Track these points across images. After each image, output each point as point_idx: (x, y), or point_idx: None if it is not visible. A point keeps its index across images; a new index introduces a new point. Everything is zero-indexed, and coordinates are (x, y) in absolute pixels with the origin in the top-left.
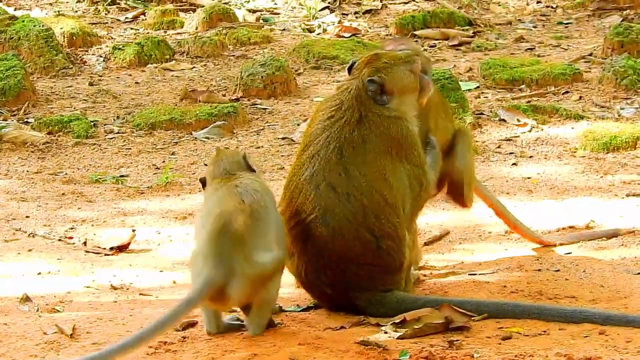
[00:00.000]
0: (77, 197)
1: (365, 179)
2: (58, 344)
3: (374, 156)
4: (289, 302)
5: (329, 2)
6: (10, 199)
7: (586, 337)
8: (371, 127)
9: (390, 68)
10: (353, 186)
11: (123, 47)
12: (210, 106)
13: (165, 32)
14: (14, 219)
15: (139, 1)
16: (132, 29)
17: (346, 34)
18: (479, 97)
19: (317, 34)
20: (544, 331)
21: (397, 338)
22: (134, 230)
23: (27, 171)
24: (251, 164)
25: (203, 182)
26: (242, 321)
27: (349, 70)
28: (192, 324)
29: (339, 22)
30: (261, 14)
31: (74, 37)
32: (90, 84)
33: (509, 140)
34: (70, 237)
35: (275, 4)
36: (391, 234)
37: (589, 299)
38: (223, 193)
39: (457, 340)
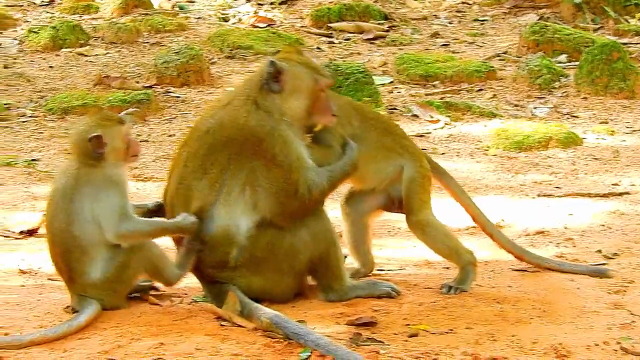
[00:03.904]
0: None
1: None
2: None
3: (220, 146)
4: (197, 292)
5: None
6: None
7: (493, 336)
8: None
9: (298, 64)
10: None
11: (38, 30)
12: (124, 92)
13: (81, 16)
14: None
15: None
16: (47, 12)
17: (261, 25)
18: (392, 92)
19: (233, 24)
20: (451, 329)
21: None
22: (43, 215)
23: None
24: (100, 151)
25: None
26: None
27: None
28: None
29: (255, 12)
30: (177, 2)
31: None
32: (5, 67)
33: (421, 136)
34: None
35: None
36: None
37: (493, 297)
38: (53, 193)
39: (362, 336)
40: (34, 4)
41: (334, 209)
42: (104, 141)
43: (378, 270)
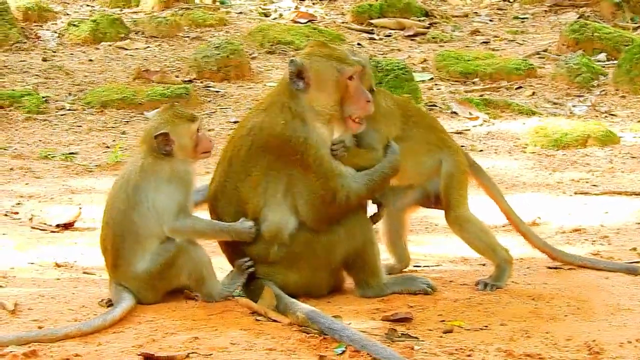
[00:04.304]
0: (26, 172)
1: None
2: None
3: (256, 151)
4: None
5: None
6: None
7: (527, 333)
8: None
9: (319, 58)
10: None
11: (78, 23)
12: (163, 87)
13: (121, 10)
14: None
15: None
16: (88, 5)
17: (302, 20)
18: (432, 89)
19: (273, 19)
20: (486, 326)
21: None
22: (80, 208)
23: None
24: (168, 149)
25: None
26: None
27: None
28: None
29: (296, 7)
30: None
31: (30, 12)
32: (44, 60)
33: (460, 133)
34: (16, 213)
35: None
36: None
37: (527, 294)
38: (118, 180)
39: (397, 332)
40: None
41: (371, 205)
42: (171, 138)
43: (414, 266)
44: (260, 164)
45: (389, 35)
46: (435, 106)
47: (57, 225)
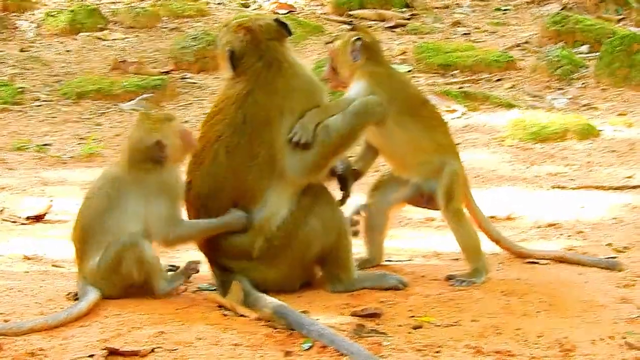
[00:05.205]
0: None
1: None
2: None
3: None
4: (203, 280)
5: None
6: None
7: (498, 329)
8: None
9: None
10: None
11: (56, 13)
12: (139, 78)
13: (100, 0)
14: None
15: None
16: None
17: (282, 11)
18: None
19: (253, 10)
20: (456, 322)
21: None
22: (51, 201)
23: None
24: (162, 155)
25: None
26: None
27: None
28: None
29: None
30: None
31: (8, 2)
32: (21, 50)
33: None
34: None
35: None
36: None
37: (500, 290)
38: (101, 177)
39: (365, 328)
40: None
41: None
42: (163, 143)
43: (386, 260)
44: (265, 141)
45: (369, 27)
46: None
47: (28, 218)
